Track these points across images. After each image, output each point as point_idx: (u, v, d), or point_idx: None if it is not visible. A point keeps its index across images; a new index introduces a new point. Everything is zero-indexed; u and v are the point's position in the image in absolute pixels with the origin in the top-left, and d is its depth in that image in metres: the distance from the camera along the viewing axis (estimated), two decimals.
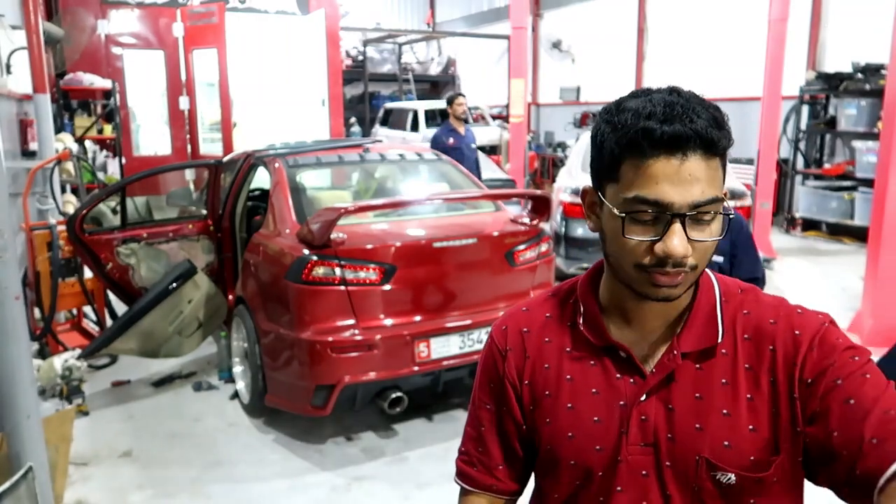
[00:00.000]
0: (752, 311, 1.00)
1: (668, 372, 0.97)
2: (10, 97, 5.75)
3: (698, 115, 0.88)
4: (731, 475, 0.93)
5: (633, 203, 0.90)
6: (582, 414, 1.01)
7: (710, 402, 0.95)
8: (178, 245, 4.59)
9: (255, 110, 9.05)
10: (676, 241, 0.88)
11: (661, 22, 13.52)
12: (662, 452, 0.96)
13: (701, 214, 0.89)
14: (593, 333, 1.02)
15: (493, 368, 1.10)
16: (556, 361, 1.05)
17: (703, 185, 0.88)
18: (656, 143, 0.87)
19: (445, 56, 20.14)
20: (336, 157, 4.54)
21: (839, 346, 0.94)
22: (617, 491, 0.98)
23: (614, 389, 0.99)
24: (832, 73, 9.24)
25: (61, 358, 3.97)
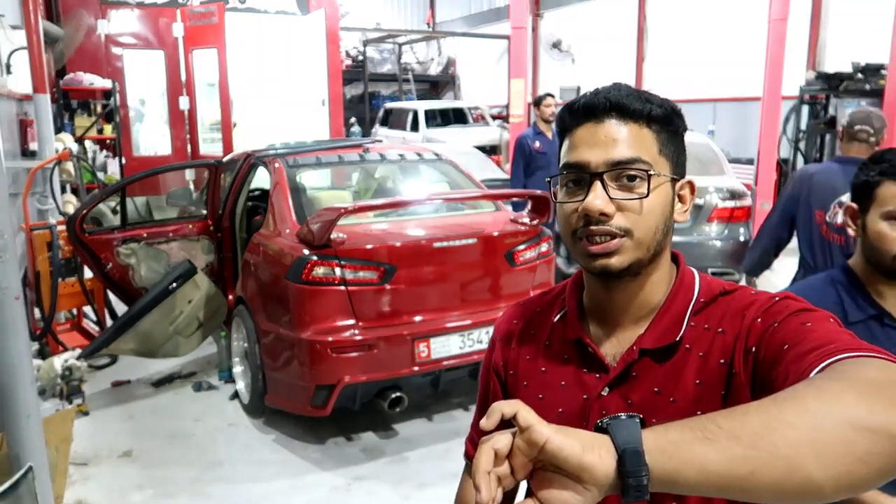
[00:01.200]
0: (721, 306, 0.99)
1: (626, 366, 0.98)
2: (10, 97, 5.76)
3: (619, 90, 0.96)
4: None
5: (562, 170, 0.98)
6: (549, 405, 1.04)
7: (665, 395, 0.96)
8: (178, 245, 4.59)
9: (255, 110, 9.04)
10: (592, 197, 0.92)
11: (661, 22, 13.53)
12: None
13: (623, 175, 0.93)
14: (567, 328, 1.06)
15: (487, 356, 1.18)
16: (536, 353, 1.09)
17: (621, 147, 0.93)
18: (574, 113, 0.97)
19: (445, 56, 20.15)
20: (336, 157, 4.54)
21: (787, 309, 0.90)
22: None
23: (580, 383, 1.02)
24: (832, 73, 9.24)
25: (61, 358, 3.97)
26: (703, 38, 12.28)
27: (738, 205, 6.06)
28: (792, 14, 7.92)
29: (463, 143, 10.92)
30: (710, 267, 6.06)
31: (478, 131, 13.68)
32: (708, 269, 6.07)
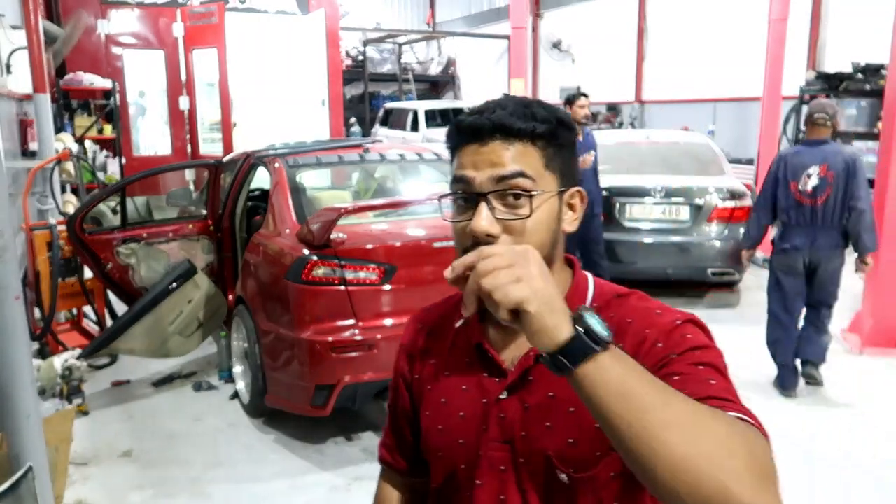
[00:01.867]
0: (616, 314, 1.00)
1: (522, 372, 1.00)
2: (10, 97, 5.76)
3: (504, 107, 0.97)
4: (564, 475, 0.96)
5: (453, 184, 1.00)
6: (451, 408, 1.06)
7: (559, 400, 0.97)
8: (178, 245, 4.59)
9: (255, 110, 9.05)
10: (477, 219, 0.94)
11: (661, 22, 13.53)
12: (517, 449, 1.00)
13: (507, 193, 0.95)
14: (468, 334, 1.08)
15: (396, 360, 1.20)
16: (439, 358, 1.11)
17: (505, 168, 0.95)
18: (462, 132, 0.99)
19: (445, 56, 20.15)
20: (336, 157, 4.54)
21: (687, 343, 0.92)
22: (477, 484, 1.02)
23: (481, 387, 1.04)
24: (832, 73, 9.24)
25: (61, 358, 3.97)
26: (703, 38, 12.28)
27: (738, 205, 6.06)
28: (792, 14, 7.93)
29: None
30: (709, 267, 6.07)
31: None
32: (708, 270, 6.08)
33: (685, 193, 6.10)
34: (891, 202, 4.91)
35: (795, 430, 3.89)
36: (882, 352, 4.98)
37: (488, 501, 1.02)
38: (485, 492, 1.02)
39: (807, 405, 4.19)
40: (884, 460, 3.54)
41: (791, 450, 3.67)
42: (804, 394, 4.36)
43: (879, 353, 4.97)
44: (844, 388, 4.46)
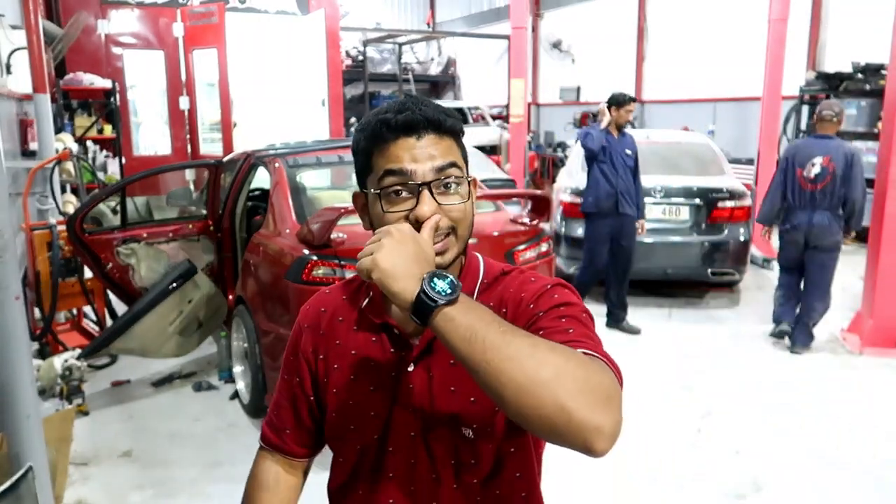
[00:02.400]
0: (501, 285, 1.14)
1: (427, 342, 1.10)
2: (10, 97, 5.75)
3: (426, 105, 1.06)
4: (469, 430, 1.08)
5: (384, 178, 1.05)
6: (361, 383, 1.13)
7: (460, 367, 1.01)
8: (178, 245, 4.59)
9: (255, 110, 9.05)
10: (425, 206, 1.02)
11: (661, 22, 13.53)
12: (426, 415, 1.10)
13: (443, 183, 1.04)
14: (373, 313, 1.16)
15: (293, 343, 1.23)
16: (344, 338, 1.17)
17: (441, 156, 1.05)
18: (393, 128, 1.05)
19: (445, 56, 20.15)
20: (336, 157, 4.54)
21: (552, 302, 1.05)
22: (389, 451, 1.12)
23: (388, 361, 1.13)
24: (832, 73, 9.23)
25: (61, 358, 3.97)
26: (703, 38, 12.28)
27: (738, 205, 6.06)
28: (792, 14, 7.93)
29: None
30: (709, 267, 6.07)
31: (478, 131, 13.68)
32: (708, 270, 6.08)
33: (685, 193, 6.10)
34: (891, 202, 4.91)
35: (795, 429, 3.89)
36: (882, 352, 4.98)
37: (400, 467, 1.12)
38: (397, 458, 1.12)
39: (807, 405, 4.19)
40: (884, 460, 3.55)
41: (791, 449, 3.67)
42: (804, 393, 4.36)
43: (879, 353, 4.97)
44: (844, 388, 4.46)
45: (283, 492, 1.28)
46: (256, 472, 1.29)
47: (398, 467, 1.12)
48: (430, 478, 1.11)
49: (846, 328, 5.38)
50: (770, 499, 3.25)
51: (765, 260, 7.55)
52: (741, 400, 4.23)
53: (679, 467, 3.50)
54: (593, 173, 5.50)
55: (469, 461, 1.11)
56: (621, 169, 5.41)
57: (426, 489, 1.12)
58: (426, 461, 1.11)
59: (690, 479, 3.40)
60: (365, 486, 1.16)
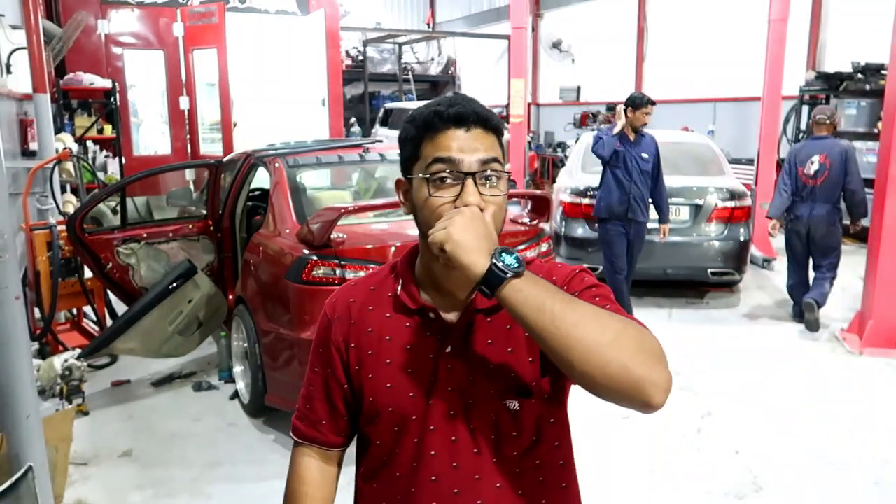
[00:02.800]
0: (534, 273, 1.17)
1: (465, 326, 1.17)
2: (10, 97, 5.75)
3: (475, 103, 1.16)
4: (515, 402, 1.15)
5: (432, 164, 1.12)
6: (398, 367, 1.18)
7: (497, 345, 1.16)
8: (178, 245, 4.59)
9: (255, 110, 9.05)
10: (468, 194, 1.10)
11: (661, 22, 13.53)
12: (466, 393, 1.15)
13: (487, 173, 1.12)
14: (408, 299, 1.21)
15: (322, 335, 1.28)
16: (377, 325, 1.22)
17: (485, 150, 1.13)
18: (445, 119, 1.12)
19: (445, 56, 20.13)
20: (336, 157, 4.54)
21: (583, 284, 1.16)
22: (430, 430, 1.17)
23: (425, 345, 1.18)
24: (832, 73, 9.23)
25: (61, 358, 3.96)
26: (703, 38, 12.28)
27: (738, 205, 6.06)
28: (792, 14, 7.92)
29: None
30: (709, 267, 6.07)
31: None
32: (708, 270, 6.07)
33: (685, 193, 6.09)
34: (891, 202, 4.91)
35: (795, 429, 3.89)
36: (882, 352, 4.98)
37: (442, 444, 1.16)
38: (437, 436, 1.16)
39: (807, 405, 4.19)
40: (884, 460, 3.55)
41: (791, 449, 3.67)
42: (804, 393, 4.36)
43: (879, 353, 4.97)
44: (844, 388, 4.46)
45: (324, 484, 1.33)
46: (296, 468, 1.35)
47: (440, 445, 1.17)
48: (472, 452, 1.16)
49: (846, 328, 5.38)
50: (770, 499, 3.25)
51: (765, 260, 7.55)
52: (741, 400, 4.23)
53: (679, 467, 3.50)
54: (606, 178, 5.37)
55: (510, 433, 1.16)
56: (636, 173, 5.25)
57: (468, 463, 1.16)
58: (467, 437, 1.16)
59: (690, 479, 3.40)
60: (405, 466, 1.19)
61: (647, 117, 5.31)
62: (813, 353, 5.07)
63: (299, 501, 1.33)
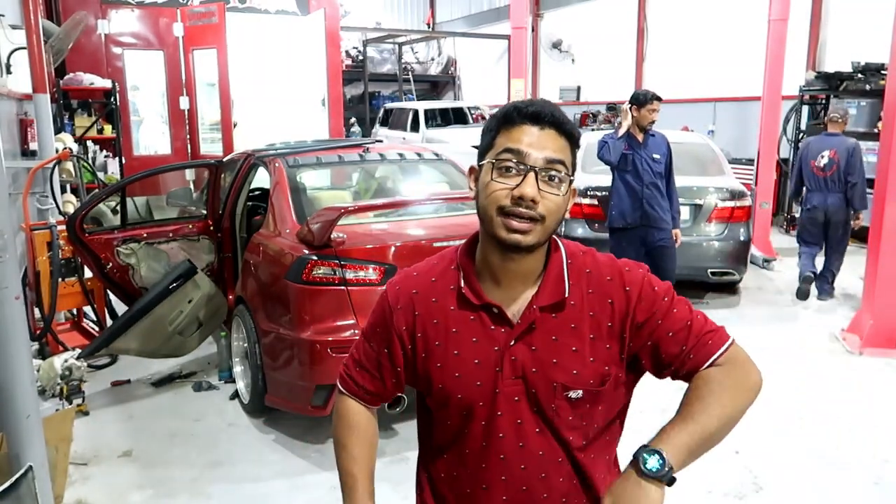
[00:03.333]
0: (593, 270, 1.31)
1: (529, 322, 1.25)
2: (10, 97, 5.75)
3: (554, 108, 1.24)
4: (579, 391, 1.26)
5: (502, 153, 1.21)
6: (466, 357, 1.27)
7: (562, 343, 1.26)
8: (178, 245, 4.59)
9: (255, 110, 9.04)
10: (527, 186, 1.18)
11: (661, 22, 13.53)
12: (529, 382, 1.26)
13: (551, 172, 1.20)
14: (473, 294, 1.28)
15: (382, 319, 1.36)
16: (443, 317, 1.30)
17: (553, 150, 1.21)
18: (522, 115, 1.21)
19: (445, 56, 20.14)
20: (336, 157, 4.54)
21: (657, 295, 1.28)
22: (497, 415, 1.27)
23: (490, 337, 1.27)
24: (832, 73, 9.23)
25: (61, 358, 3.96)
26: (703, 38, 12.27)
27: (738, 205, 6.06)
28: (792, 14, 7.92)
29: (463, 143, 10.92)
30: (709, 267, 6.06)
31: (478, 131, 13.59)
32: (708, 270, 6.07)
33: (685, 193, 6.08)
34: (891, 202, 4.91)
35: (795, 429, 3.89)
36: (882, 352, 4.98)
37: (508, 426, 1.27)
38: (505, 420, 1.27)
39: (807, 405, 4.19)
40: (884, 460, 3.55)
41: (791, 449, 3.67)
42: (804, 393, 4.36)
43: (879, 353, 4.97)
44: (844, 388, 4.46)
45: (369, 428, 1.44)
46: (343, 414, 1.43)
47: (507, 428, 1.27)
48: (535, 432, 1.28)
49: (846, 328, 5.38)
50: (770, 499, 3.25)
51: (765, 260, 7.55)
52: None
53: None
54: (616, 184, 5.05)
55: (568, 418, 1.28)
56: (648, 177, 4.91)
57: (533, 442, 1.28)
58: (531, 419, 1.28)
59: (690, 479, 3.40)
60: (475, 445, 1.30)
61: (654, 115, 4.92)
62: (813, 353, 5.07)
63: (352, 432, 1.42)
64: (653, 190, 4.93)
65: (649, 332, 1.27)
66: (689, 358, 1.27)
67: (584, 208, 6.10)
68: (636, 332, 1.28)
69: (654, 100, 4.91)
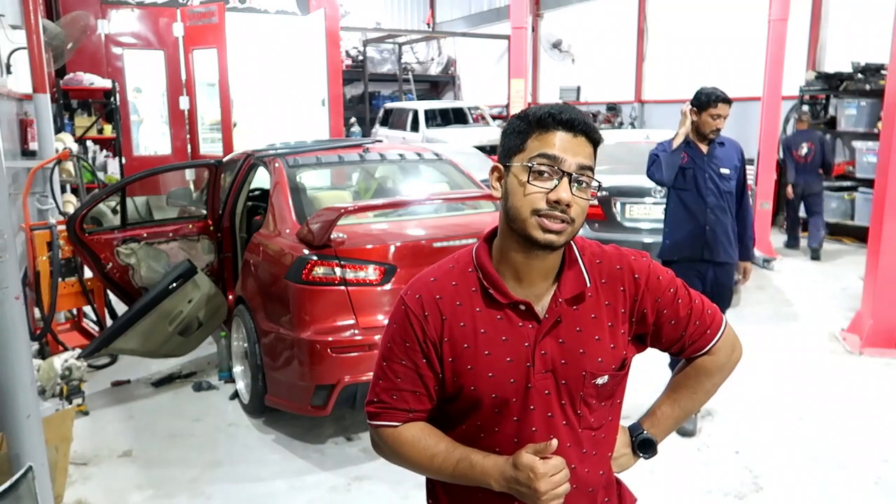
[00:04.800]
0: (603, 260, 1.38)
1: (556, 316, 1.31)
2: (10, 97, 5.75)
3: (581, 114, 1.28)
4: (605, 376, 1.34)
5: (538, 157, 1.25)
6: (497, 357, 1.30)
7: (586, 333, 1.33)
8: (178, 245, 4.59)
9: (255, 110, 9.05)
10: (564, 191, 1.24)
11: (661, 22, 13.52)
12: (559, 374, 1.31)
13: (582, 178, 1.26)
14: (499, 294, 1.31)
15: (412, 330, 1.33)
16: (470, 320, 1.32)
17: (585, 157, 1.27)
18: (558, 121, 1.26)
19: (445, 56, 20.14)
20: (336, 157, 4.54)
21: (662, 285, 1.38)
22: (530, 409, 1.32)
23: (519, 335, 1.31)
24: (832, 73, 9.23)
25: (61, 358, 3.97)
26: (702, 38, 12.27)
27: None
28: (792, 14, 7.92)
29: (463, 143, 10.92)
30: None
31: (478, 131, 13.67)
32: None
33: None
34: (891, 202, 4.91)
35: (795, 429, 3.89)
36: (882, 352, 4.97)
37: (540, 420, 1.32)
38: (537, 414, 1.32)
39: (807, 405, 4.19)
40: (884, 460, 3.55)
41: (791, 449, 3.67)
42: (804, 393, 4.36)
43: (879, 353, 4.97)
44: (844, 388, 4.46)
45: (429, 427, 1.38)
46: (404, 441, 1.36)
47: (539, 422, 1.32)
48: (562, 424, 1.33)
49: (846, 328, 5.38)
50: (770, 499, 3.25)
51: (765, 260, 7.55)
52: (741, 400, 4.23)
53: (679, 467, 3.50)
54: (671, 205, 4.04)
55: (593, 403, 1.35)
56: (712, 196, 3.86)
57: (562, 435, 1.32)
58: (559, 412, 1.33)
59: (690, 479, 3.40)
60: (507, 442, 1.32)
61: (718, 122, 3.79)
62: (813, 353, 5.07)
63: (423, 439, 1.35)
64: (718, 214, 3.87)
65: (654, 320, 1.38)
66: (689, 345, 1.43)
67: None
68: (642, 318, 1.38)
69: (720, 102, 3.76)
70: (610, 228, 6.06)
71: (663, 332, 1.40)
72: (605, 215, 6.07)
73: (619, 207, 6.11)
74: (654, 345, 1.44)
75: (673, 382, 1.52)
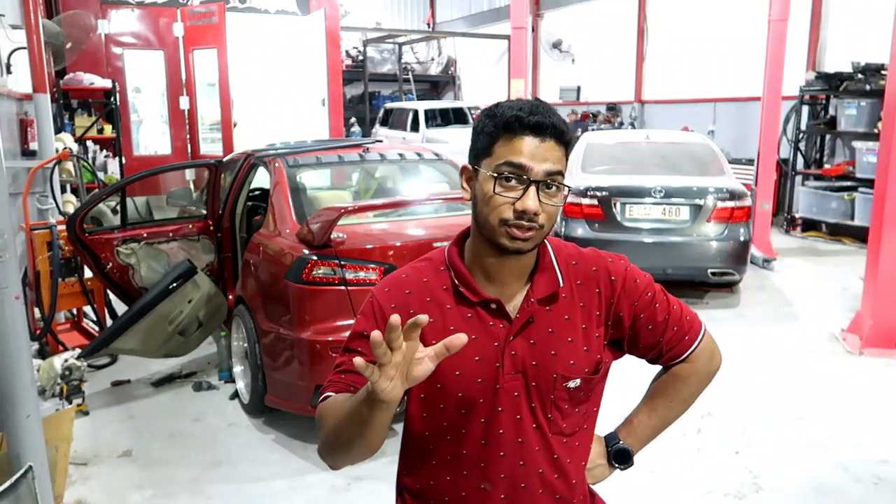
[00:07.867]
0: (579, 262, 1.35)
1: (528, 316, 1.28)
2: (10, 97, 5.75)
3: (554, 114, 1.23)
4: (577, 379, 1.30)
5: (503, 166, 1.21)
6: (465, 356, 1.23)
7: (558, 334, 1.29)
8: (178, 245, 4.59)
9: (255, 110, 9.04)
10: (531, 200, 1.20)
11: (661, 22, 13.52)
12: (529, 376, 1.28)
13: (550, 183, 1.22)
14: (469, 292, 1.29)
15: (375, 323, 1.29)
16: (439, 316, 1.28)
17: (553, 164, 1.21)
18: (524, 125, 1.20)
19: (445, 56, 20.14)
20: (336, 157, 4.54)
21: (639, 288, 1.35)
22: (498, 411, 1.28)
23: (489, 334, 1.27)
24: (832, 73, 9.22)
25: (61, 358, 3.95)
26: (702, 38, 12.27)
27: (738, 205, 6.05)
28: (792, 14, 7.91)
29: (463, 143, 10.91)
30: (709, 267, 6.06)
31: None
32: (708, 270, 6.07)
33: (685, 193, 6.09)
34: (891, 202, 4.91)
35: (795, 429, 3.89)
36: (882, 352, 4.97)
37: (508, 422, 1.28)
38: (505, 416, 1.28)
39: (807, 405, 4.19)
40: (884, 460, 3.55)
41: (791, 449, 3.67)
42: (804, 393, 4.36)
43: (879, 353, 4.97)
44: (844, 388, 4.46)
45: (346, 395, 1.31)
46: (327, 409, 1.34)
47: (507, 424, 1.28)
48: (532, 427, 1.30)
49: (846, 328, 5.38)
50: (770, 499, 3.25)
51: (765, 260, 7.55)
52: (741, 400, 4.23)
53: (679, 467, 3.50)
54: None
55: (565, 408, 1.32)
56: None
57: (530, 438, 1.30)
58: (529, 414, 1.29)
59: (690, 479, 3.40)
60: (474, 444, 1.29)
61: None
62: (813, 353, 5.07)
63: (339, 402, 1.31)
64: None
65: (630, 324, 1.35)
66: (666, 351, 1.40)
67: (584, 208, 6.10)
68: (618, 322, 1.34)
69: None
70: (610, 228, 6.06)
71: (640, 336, 1.37)
72: (605, 215, 6.07)
73: (619, 207, 6.11)
74: (631, 350, 1.40)
75: (650, 391, 1.49)
